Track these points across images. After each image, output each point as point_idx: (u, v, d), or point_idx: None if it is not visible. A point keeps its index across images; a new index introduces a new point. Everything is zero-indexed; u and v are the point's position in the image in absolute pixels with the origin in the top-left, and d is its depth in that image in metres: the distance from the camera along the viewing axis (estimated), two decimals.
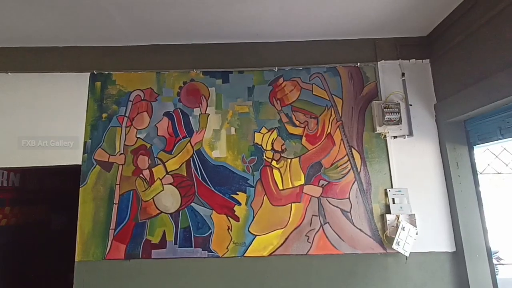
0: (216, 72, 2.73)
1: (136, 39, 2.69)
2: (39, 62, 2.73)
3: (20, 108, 2.67)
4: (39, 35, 2.59)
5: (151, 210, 2.54)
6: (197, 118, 2.67)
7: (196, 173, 2.59)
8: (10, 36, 2.59)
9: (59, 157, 2.61)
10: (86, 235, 2.50)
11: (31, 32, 2.54)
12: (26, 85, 2.71)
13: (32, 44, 2.72)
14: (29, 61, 2.73)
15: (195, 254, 2.48)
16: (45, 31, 2.53)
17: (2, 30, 2.50)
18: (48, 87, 2.70)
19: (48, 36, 2.60)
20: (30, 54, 2.75)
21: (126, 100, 2.69)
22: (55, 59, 2.74)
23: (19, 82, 2.71)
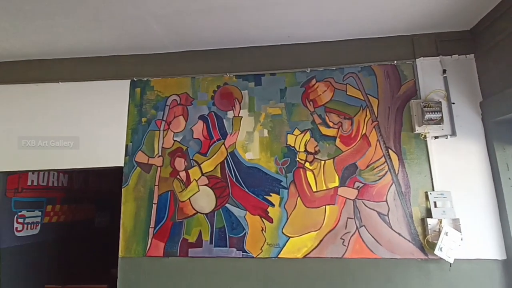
0: (249, 75, 2.77)
1: (173, 47, 2.81)
2: (86, 71, 2.95)
3: (69, 114, 2.89)
4: (85, 47, 2.80)
5: (187, 210, 2.63)
6: (231, 120, 2.73)
7: (230, 175, 2.64)
8: (61, 49, 2.82)
9: (104, 159, 2.79)
10: (128, 233, 2.65)
11: (79, 44, 2.74)
12: (75, 93, 2.93)
13: (79, 55, 2.94)
14: (77, 71, 2.95)
15: (230, 254, 2.54)
16: (91, 43, 2.73)
17: (55, 44, 2.73)
18: (93, 94, 2.91)
19: (94, 47, 2.80)
20: (78, 64, 2.97)
21: (163, 104, 2.82)
22: (100, 68, 2.94)
23: (68, 90, 2.94)
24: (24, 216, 3.32)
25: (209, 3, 2.19)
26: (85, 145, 2.83)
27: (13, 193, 3.19)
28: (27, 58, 2.99)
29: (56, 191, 3.75)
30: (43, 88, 2.97)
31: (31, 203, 3.42)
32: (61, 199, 3.81)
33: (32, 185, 3.44)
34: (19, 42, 2.68)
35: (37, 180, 3.50)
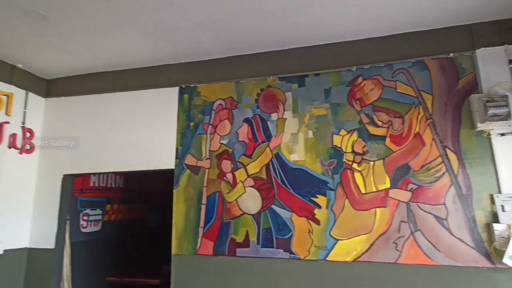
0: (292, 77, 2.77)
1: (217, 53, 2.91)
2: (138, 81, 3.17)
3: (125, 121, 3.13)
4: (137, 59, 3.02)
5: (235, 211, 2.70)
6: (275, 122, 2.74)
7: (275, 176, 2.66)
8: (115, 62, 3.08)
9: (156, 162, 2.98)
10: (180, 231, 2.79)
11: (131, 57, 2.97)
12: (129, 102, 3.17)
13: (132, 66, 3.17)
14: (131, 81, 3.19)
15: (276, 255, 2.55)
16: (142, 55, 2.93)
17: (110, 58, 2.99)
18: (146, 102, 3.11)
19: (144, 59, 3.01)
20: (131, 75, 3.20)
21: (210, 109, 2.93)
22: (151, 78, 3.14)
23: (124, 99, 3.19)
24: (88, 214, 3.66)
25: (250, 9, 2.24)
26: (139, 149, 3.04)
27: (78, 193, 3.54)
28: (87, 72, 3.31)
29: (113, 191, 4.08)
30: (102, 98, 3.26)
31: (93, 202, 3.76)
32: (118, 199, 4.14)
33: (94, 186, 3.79)
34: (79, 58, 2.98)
35: (98, 182, 3.85)
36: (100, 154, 3.15)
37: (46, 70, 3.26)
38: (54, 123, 3.37)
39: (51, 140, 3.31)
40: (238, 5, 2.19)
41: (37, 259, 3.11)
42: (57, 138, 3.30)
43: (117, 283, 3.77)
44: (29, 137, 3.22)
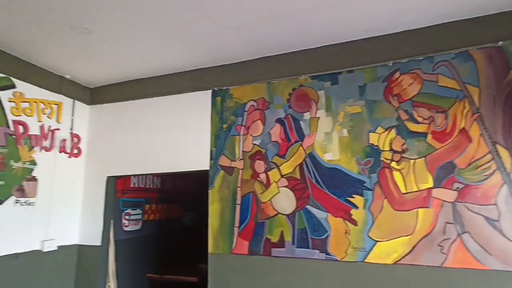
0: (324, 75, 2.72)
1: (248, 55, 2.93)
2: (174, 85, 3.29)
3: (162, 125, 3.27)
4: (173, 64, 3.12)
5: (269, 211, 2.71)
6: (308, 122, 2.71)
7: (309, 176, 2.63)
8: (154, 68, 3.22)
9: (192, 163, 3.07)
10: (216, 231, 2.86)
11: (168, 62, 3.08)
12: (165, 106, 3.30)
13: (167, 72, 3.30)
14: (166, 86, 3.32)
15: (312, 256, 2.52)
16: (177, 60, 3.03)
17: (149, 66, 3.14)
18: (181, 105, 3.22)
19: (179, 64, 3.11)
20: (166, 80, 3.33)
21: (242, 111, 2.97)
22: (185, 82, 3.24)
23: (160, 104, 3.33)
24: (129, 214, 3.87)
25: (281, 9, 2.23)
26: (175, 151, 3.16)
27: (121, 194, 3.75)
28: (127, 80, 3.49)
29: (151, 192, 4.27)
30: (140, 103, 3.42)
31: (134, 202, 3.96)
32: (155, 199, 4.33)
33: (134, 187, 3.99)
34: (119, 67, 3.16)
35: (138, 183, 4.05)
36: (139, 156, 3.32)
37: (90, 80, 3.49)
38: (97, 128, 3.60)
39: (96, 144, 3.56)
40: (269, 6, 2.20)
41: (86, 255, 3.35)
42: (100, 142, 3.54)
43: (157, 279, 3.94)
44: (77, 142, 3.47)
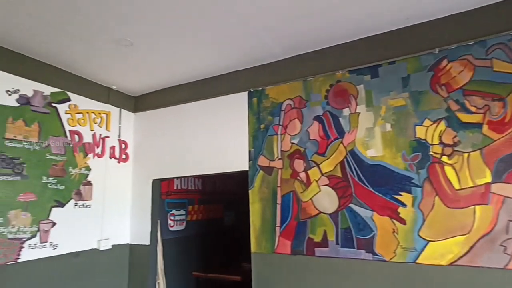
0: (363, 68, 2.62)
1: (283, 54, 2.92)
2: (211, 89, 3.38)
3: (202, 128, 3.37)
4: (209, 68, 3.20)
5: (310, 210, 2.68)
6: (347, 118, 2.64)
7: (351, 174, 2.55)
8: (192, 74, 3.33)
9: (231, 164, 3.13)
10: (258, 230, 2.89)
11: (204, 67, 3.17)
12: (204, 110, 3.40)
13: (203, 77, 3.39)
14: (204, 90, 3.42)
15: (358, 256, 2.44)
16: (213, 64, 3.11)
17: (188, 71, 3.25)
18: (218, 108, 3.30)
19: (215, 67, 3.18)
20: (204, 84, 3.43)
21: (278, 110, 2.96)
22: (221, 85, 3.32)
23: (198, 108, 3.44)
24: (174, 214, 4.05)
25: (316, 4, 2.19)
26: (215, 153, 3.24)
27: (165, 195, 3.93)
28: (167, 87, 3.65)
29: (193, 193, 4.43)
30: (180, 108, 3.56)
31: (177, 203, 4.14)
32: (198, 200, 4.48)
33: (177, 189, 4.17)
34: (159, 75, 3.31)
35: (180, 185, 4.22)
36: (181, 159, 3.45)
37: (133, 89, 3.71)
38: (142, 134, 3.82)
39: (141, 150, 3.77)
40: (302, 2, 2.17)
41: (137, 253, 3.56)
42: (145, 147, 3.74)
43: (202, 278, 4.08)
44: (124, 148, 3.71)
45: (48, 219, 2.88)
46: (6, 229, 2.58)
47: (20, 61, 2.79)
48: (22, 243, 2.67)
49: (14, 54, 2.74)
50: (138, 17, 2.32)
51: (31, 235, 2.73)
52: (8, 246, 2.58)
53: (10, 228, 2.60)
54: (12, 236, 2.61)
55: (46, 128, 2.94)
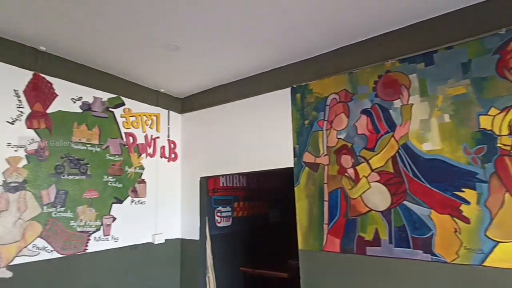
0: (416, 56, 2.44)
1: (326, 47, 2.84)
2: (254, 87, 3.40)
3: (246, 127, 3.42)
4: (252, 66, 3.23)
5: (360, 208, 2.58)
6: (399, 110, 2.48)
7: (405, 169, 2.41)
8: (235, 73, 3.39)
9: (275, 162, 3.13)
10: (305, 228, 2.86)
11: (247, 65, 3.20)
12: (247, 108, 3.44)
13: (248, 75, 3.42)
14: (247, 89, 3.46)
15: (414, 256, 2.30)
16: (255, 62, 3.12)
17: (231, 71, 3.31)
18: (261, 106, 3.32)
19: (258, 65, 3.19)
20: (247, 82, 3.47)
21: (323, 105, 2.89)
22: (264, 82, 3.33)
23: (242, 107, 3.49)
24: (220, 211, 4.17)
25: None
26: (259, 150, 3.27)
27: (212, 192, 4.07)
28: (211, 87, 3.76)
29: (239, 190, 4.52)
30: (225, 108, 3.65)
31: (223, 200, 4.26)
32: (243, 197, 4.56)
33: (223, 186, 4.29)
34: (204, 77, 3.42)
35: (226, 182, 4.34)
36: (226, 157, 3.54)
37: (180, 90, 3.89)
38: (189, 134, 3.98)
39: (188, 149, 3.94)
40: None
41: (188, 248, 3.74)
42: (192, 147, 3.91)
43: (249, 273, 4.15)
44: (173, 147, 3.91)
45: (109, 214, 3.14)
46: (76, 223, 2.86)
47: (82, 71, 3.07)
48: (89, 236, 2.95)
49: (77, 66, 3.03)
50: (184, 22, 2.41)
51: (95, 229, 3.01)
52: (78, 238, 2.86)
53: (78, 222, 2.89)
54: (81, 229, 2.90)
55: (105, 131, 3.20)
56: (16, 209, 2.49)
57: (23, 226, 2.52)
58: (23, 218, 2.52)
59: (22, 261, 2.48)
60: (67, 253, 2.77)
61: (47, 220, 2.66)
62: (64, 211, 2.78)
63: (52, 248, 2.67)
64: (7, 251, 2.41)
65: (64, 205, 2.80)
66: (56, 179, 2.76)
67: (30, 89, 2.68)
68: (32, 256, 2.55)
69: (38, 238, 2.59)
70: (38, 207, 2.62)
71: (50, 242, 2.66)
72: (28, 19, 2.33)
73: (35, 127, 2.68)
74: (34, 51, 2.72)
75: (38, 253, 2.58)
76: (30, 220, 2.56)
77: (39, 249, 2.59)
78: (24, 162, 2.57)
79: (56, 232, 2.71)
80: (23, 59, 2.65)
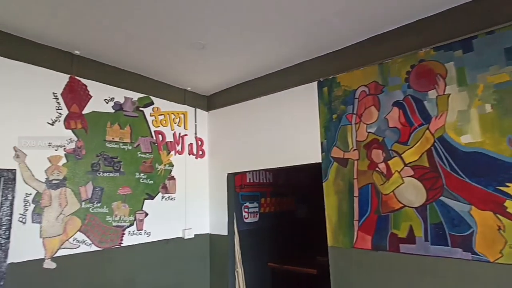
0: (453, 43, 2.30)
1: (354, 38, 2.75)
2: (279, 82, 3.37)
3: (272, 122, 3.40)
4: (277, 62, 3.20)
5: (392, 204, 2.49)
6: (434, 101, 2.35)
7: (441, 163, 2.28)
8: (260, 69, 3.38)
9: (303, 157, 3.09)
10: (334, 224, 2.80)
11: (272, 61, 3.18)
12: (273, 103, 3.42)
13: (273, 70, 3.40)
14: (272, 84, 3.43)
15: (453, 255, 2.18)
16: (281, 57, 3.09)
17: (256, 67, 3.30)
18: (287, 101, 3.29)
19: (283, 59, 3.16)
20: (271, 78, 3.45)
21: (352, 98, 2.80)
22: (289, 77, 3.28)
23: (267, 102, 3.47)
24: (248, 207, 4.20)
25: None
26: (286, 146, 3.25)
27: (239, 188, 4.10)
28: (236, 84, 3.78)
29: (265, 186, 4.53)
30: (250, 104, 3.65)
31: (250, 196, 4.28)
32: (269, 193, 4.56)
33: (250, 182, 4.31)
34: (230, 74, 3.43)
35: (252, 178, 4.35)
36: (253, 153, 3.55)
37: (206, 88, 3.94)
38: (215, 131, 4.03)
39: (215, 146, 3.99)
40: None
41: (216, 243, 3.80)
42: (219, 143, 3.95)
43: (277, 268, 4.16)
44: (200, 144, 3.98)
45: (142, 210, 3.26)
46: (111, 218, 3.00)
47: (114, 73, 3.19)
48: (123, 230, 3.08)
49: (109, 67, 3.15)
50: (209, 20, 2.43)
51: (129, 224, 3.14)
52: (113, 233, 3.00)
53: (114, 217, 3.02)
54: (116, 224, 3.03)
55: (136, 130, 3.32)
56: (58, 205, 2.66)
57: (64, 220, 2.68)
58: (64, 213, 2.69)
59: (64, 253, 2.64)
60: (104, 246, 2.91)
61: (86, 215, 2.81)
62: (100, 206, 2.93)
63: (91, 241, 2.82)
64: (51, 243, 2.58)
65: (100, 201, 2.94)
66: (93, 176, 2.91)
67: (67, 92, 2.83)
68: (73, 248, 2.71)
69: (78, 232, 2.75)
70: (77, 202, 2.78)
71: (88, 236, 2.81)
72: (63, 26, 2.45)
73: (73, 127, 2.83)
74: (69, 55, 2.86)
75: (78, 246, 2.74)
76: (71, 215, 2.72)
77: (79, 242, 2.75)
78: (63, 160, 2.73)
79: (93, 226, 2.86)
80: (60, 63, 2.80)
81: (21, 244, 2.41)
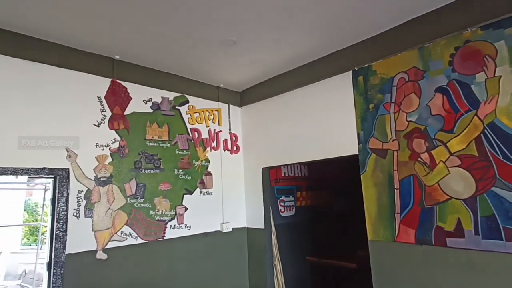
0: (503, 19, 2.10)
1: (390, 22, 2.61)
2: (311, 74, 3.31)
3: (305, 115, 3.36)
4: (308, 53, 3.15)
5: (437, 195, 2.35)
6: (482, 85, 2.17)
7: (492, 151, 2.11)
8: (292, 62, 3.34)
9: (339, 149, 3.02)
10: (373, 217, 2.72)
11: (304, 53, 3.12)
12: (306, 96, 3.37)
13: (303, 62, 3.34)
14: (304, 76, 3.38)
15: (508, 250, 2.02)
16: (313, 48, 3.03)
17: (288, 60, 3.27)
18: (321, 92, 3.22)
19: (313, 51, 3.09)
20: (304, 70, 3.39)
21: (389, 86, 2.68)
22: (322, 68, 3.21)
23: (301, 95, 3.43)
24: (284, 200, 4.20)
25: None
26: (321, 138, 3.19)
27: (274, 182, 4.11)
28: (268, 78, 3.77)
29: (301, 180, 4.49)
30: (283, 98, 3.63)
31: (286, 190, 4.27)
32: (305, 186, 4.52)
33: (285, 176, 4.30)
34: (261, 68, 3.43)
35: (287, 172, 4.34)
36: (287, 147, 3.54)
37: (238, 84, 3.98)
38: (249, 126, 4.07)
39: (249, 141, 4.04)
40: None
41: (254, 236, 3.86)
42: (253, 138, 3.99)
43: (315, 262, 4.13)
44: (235, 140, 4.04)
45: (182, 205, 3.41)
46: (154, 212, 3.17)
47: (151, 74, 3.34)
48: (165, 224, 3.24)
49: (146, 69, 3.30)
50: (240, 16, 2.44)
51: (170, 218, 3.29)
52: (156, 226, 3.17)
53: (156, 211, 3.19)
54: (158, 218, 3.20)
55: (173, 128, 3.46)
56: (106, 200, 2.86)
57: (112, 215, 2.88)
58: (112, 208, 2.89)
59: (113, 245, 2.84)
60: (149, 239, 3.09)
61: (131, 210, 3.00)
62: (143, 202, 3.10)
63: (136, 234, 3.01)
64: (102, 236, 2.79)
65: (143, 196, 3.11)
66: (136, 173, 3.09)
67: (109, 94, 3.01)
68: (121, 241, 2.90)
69: (125, 226, 2.94)
70: (123, 198, 2.97)
71: (134, 229, 3.00)
72: (103, 32, 2.61)
73: (116, 128, 3.02)
74: (110, 60, 3.04)
75: (126, 239, 2.93)
76: (118, 210, 2.92)
77: (126, 235, 2.94)
78: (109, 159, 2.93)
79: (138, 220, 3.04)
80: (102, 68, 2.99)
81: (76, 236, 2.64)
